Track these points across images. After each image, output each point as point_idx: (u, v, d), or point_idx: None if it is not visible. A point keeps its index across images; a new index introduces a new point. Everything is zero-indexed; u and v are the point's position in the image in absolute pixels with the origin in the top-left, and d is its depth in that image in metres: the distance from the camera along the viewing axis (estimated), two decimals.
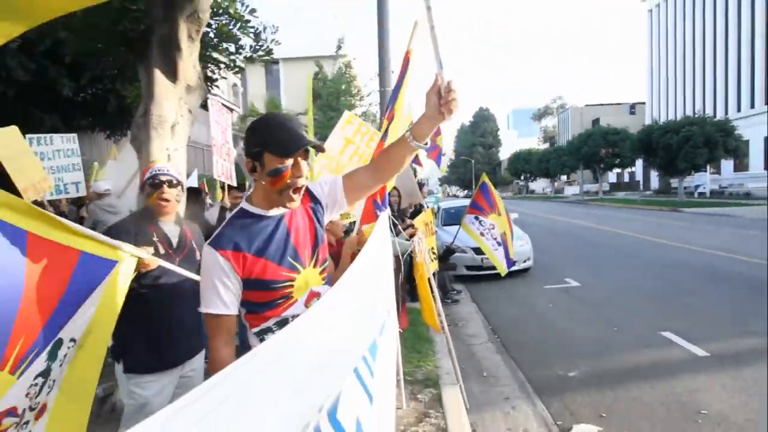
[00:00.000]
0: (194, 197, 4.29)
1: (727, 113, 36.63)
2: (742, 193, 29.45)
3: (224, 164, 5.32)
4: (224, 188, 5.43)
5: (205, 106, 5.20)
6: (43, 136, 5.64)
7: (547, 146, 66.18)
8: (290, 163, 1.42)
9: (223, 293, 1.41)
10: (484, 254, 7.99)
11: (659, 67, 49.82)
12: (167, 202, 2.25)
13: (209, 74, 6.83)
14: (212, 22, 6.14)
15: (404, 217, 5.58)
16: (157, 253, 2.14)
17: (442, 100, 1.40)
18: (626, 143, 34.94)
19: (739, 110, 36.92)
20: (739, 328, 5.11)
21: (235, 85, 26.50)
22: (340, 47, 27.51)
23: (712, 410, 3.43)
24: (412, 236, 4.24)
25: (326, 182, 1.67)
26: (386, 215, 2.41)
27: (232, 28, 6.44)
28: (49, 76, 6.75)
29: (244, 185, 5.48)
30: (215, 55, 6.65)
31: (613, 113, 57.72)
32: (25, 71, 6.42)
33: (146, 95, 3.54)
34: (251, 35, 6.64)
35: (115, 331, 1.85)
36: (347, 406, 0.83)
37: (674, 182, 33.14)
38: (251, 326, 1.53)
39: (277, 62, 29.46)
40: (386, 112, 3.53)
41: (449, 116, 1.42)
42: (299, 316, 0.87)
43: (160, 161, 2.29)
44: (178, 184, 2.28)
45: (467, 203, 6.89)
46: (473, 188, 7.12)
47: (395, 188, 5.34)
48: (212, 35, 6.33)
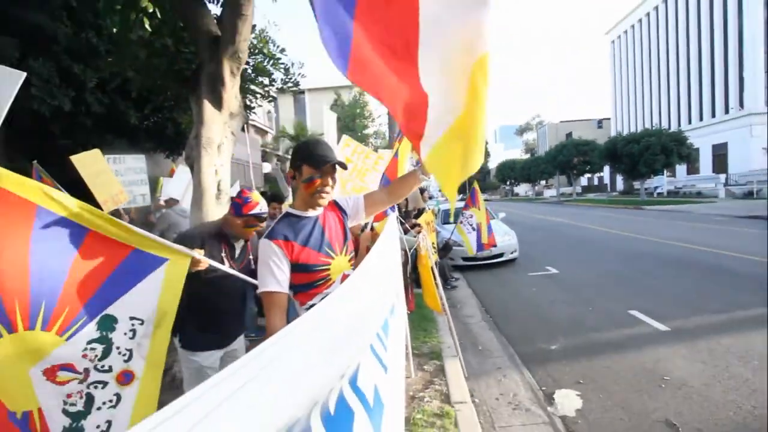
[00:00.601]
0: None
1: (680, 125, 35.98)
2: (694, 192, 28.83)
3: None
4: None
5: (244, 129, 5.23)
6: (117, 156, 5.73)
7: (528, 156, 65.42)
8: (320, 174, 1.58)
9: (277, 273, 1.52)
10: None
11: (621, 88, 49.14)
12: (255, 233, 2.35)
13: (248, 103, 6.90)
14: (250, 60, 6.21)
15: (409, 217, 5.56)
16: (220, 261, 2.15)
17: None
18: (595, 152, 34.47)
19: (690, 123, 36.25)
20: (694, 306, 4.99)
21: (269, 111, 26.73)
22: None
23: (673, 376, 3.35)
24: (418, 233, 4.23)
25: (351, 198, 1.83)
26: (394, 216, 2.46)
27: (266, 65, 6.51)
28: (119, 108, 6.87)
29: (279, 196, 5.50)
30: (253, 87, 6.71)
31: (583, 128, 56.88)
32: (100, 105, 6.55)
33: (197, 121, 3.58)
34: (282, 70, 6.70)
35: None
36: (366, 375, 0.82)
37: (636, 184, 32.60)
38: (301, 304, 1.63)
39: (303, 92, 29.67)
40: (397, 137, 3.75)
41: None
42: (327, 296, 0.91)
43: (257, 197, 2.24)
44: (265, 218, 2.31)
45: (461, 206, 6.96)
46: (467, 193, 7.29)
47: None
48: (250, 71, 6.40)
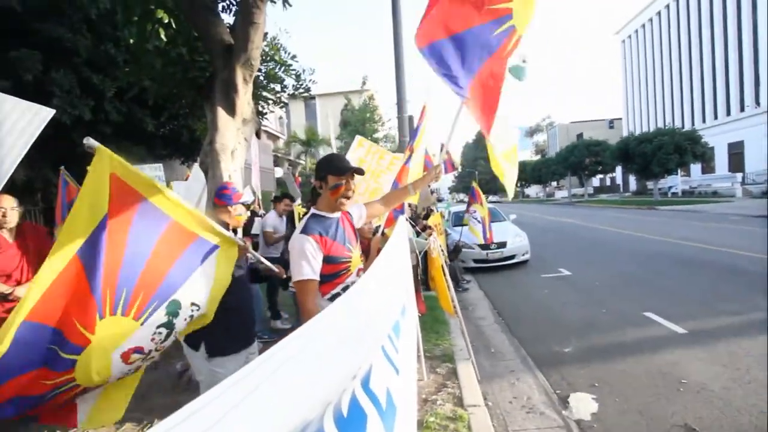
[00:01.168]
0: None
1: (693, 124, 35.22)
2: (710, 192, 28.14)
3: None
4: (274, 199, 5.51)
5: (257, 134, 5.31)
6: (136, 166, 5.86)
7: (539, 158, 64.68)
8: (344, 180, 1.85)
9: (313, 264, 1.74)
10: (489, 249, 7.99)
11: (633, 87, 48.32)
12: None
13: (260, 109, 6.98)
14: (262, 67, 6.29)
15: (418, 219, 5.56)
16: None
17: (434, 175, 2.26)
18: (607, 153, 33.89)
19: (704, 121, 35.45)
20: (710, 308, 4.85)
21: (280, 117, 27.01)
22: (364, 83, 27.75)
23: (691, 380, 3.25)
24: (429, 236, 4.22)
25: (357, 207, 2.13)
26: (404, 218, 2.49)
27: (278, 71, 6.58)
28: (136, 116, 7.03)
29: (289, 195, 5.57)
30: (265, 93, 6.79)
31: (594, 128, 56.01)
32: (118, 113, 6.71)
33: (211, 128, 3.63)
34: (293, 77, 6.77)
35: None
36: (378, 377, 0.81)
37: (650, 185, 31.99)
38: (323, 294, 1.82)
39: (313, 97, 29.92)
40: (408, 144, 3.97)
41: (437, 181, 2.38)
42: (340, 295, 1.07)
43: (239, 187, 2.40)
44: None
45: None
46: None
47: None
48: (262, 78, 6.48)
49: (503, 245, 8.21)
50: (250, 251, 2.20)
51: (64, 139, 6.43)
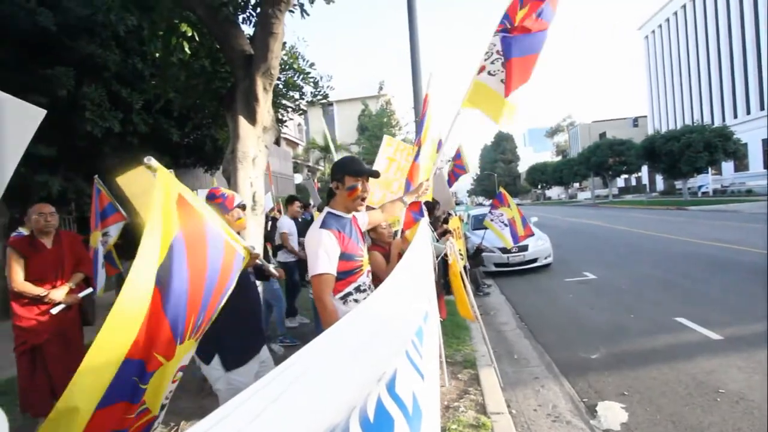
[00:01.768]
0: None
1: (724, 120, 33.79)
2: (743, 190, 26.89)
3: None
4: (287, 201, 5.60)
5: (277, 142, 5.41)
6: None
7: (560, 159, 63.30)
8: (360, 182, 1.91)
9: (332, 258, 1.78)
10: (510, 252, 7.85)
11: (657, 83, 46.84)
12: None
13: (280, 117, 7.12)
14: (281, 76, 6.42)
15: (438, 223, 5.52)
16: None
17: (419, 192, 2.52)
18: (632, 152, 32.89)
19: (735, 117, 33.97)
20: (747, 313, 4.62)
21: (299, 124, 27.45)
22: (381, 88, 27.90)
23: (729, 389, 3.10)
24: (446, 241, 4.17)
25: (362, 213, 2.17)
26: (426, 221, 2.51)
27: (296, 79, 6.70)
28: (162, 127, 7.27)
29: (297, 198, 5.66)
30: (284, 101, 6.92)
31: (618, 127, 54.51)
32: (145, 125, 6.96)
33: (233, 136, 3.72)
34: (311, 84, 6.88)
35: (208, 331, 1.75)
36: (403, 381, 0.81)
37: (678, 184, 30.84)
38: (335, 292, 1.85)
39: (332, 104, 30.32)
40: (416, 140, 3.79)
41: (423, 198, 2.69)
42: (351, 294, 1.68)
43: (226, 190, 2.34)
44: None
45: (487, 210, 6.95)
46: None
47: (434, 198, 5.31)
48: (281, 86, 6.61)
49: (525, 248, 8.04)
50: (260, 259, 2.11)
51: (96, 150, 6.72)
